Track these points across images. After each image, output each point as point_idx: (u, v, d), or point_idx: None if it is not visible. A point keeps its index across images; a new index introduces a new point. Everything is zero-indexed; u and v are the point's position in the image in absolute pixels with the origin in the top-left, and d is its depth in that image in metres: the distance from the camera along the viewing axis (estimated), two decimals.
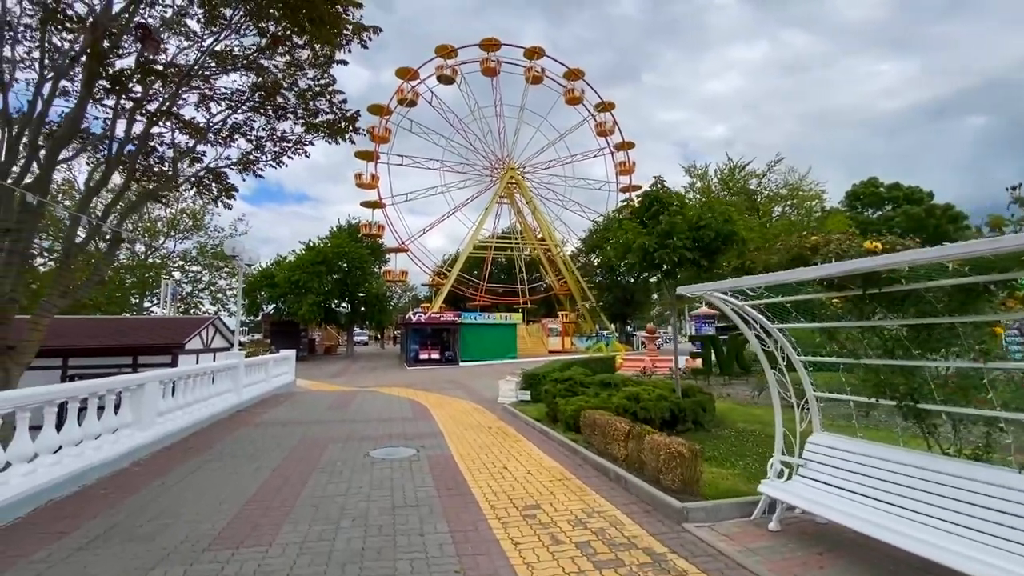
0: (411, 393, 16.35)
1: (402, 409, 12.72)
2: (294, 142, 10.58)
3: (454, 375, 23.92)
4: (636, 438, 6.79)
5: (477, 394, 16.06)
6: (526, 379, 13.47)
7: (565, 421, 9.31)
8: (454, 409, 12.70)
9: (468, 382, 20.11)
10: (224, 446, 8.43)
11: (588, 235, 46.70)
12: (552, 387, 10.50)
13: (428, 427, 10.23)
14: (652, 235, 9.34)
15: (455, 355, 33.21)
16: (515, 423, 10.67)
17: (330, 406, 13.23)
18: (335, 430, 9.86)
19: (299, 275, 38.85)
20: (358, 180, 42.90)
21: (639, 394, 9.16)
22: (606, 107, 50.75)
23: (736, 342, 15.63)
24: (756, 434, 8.87)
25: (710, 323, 24.99)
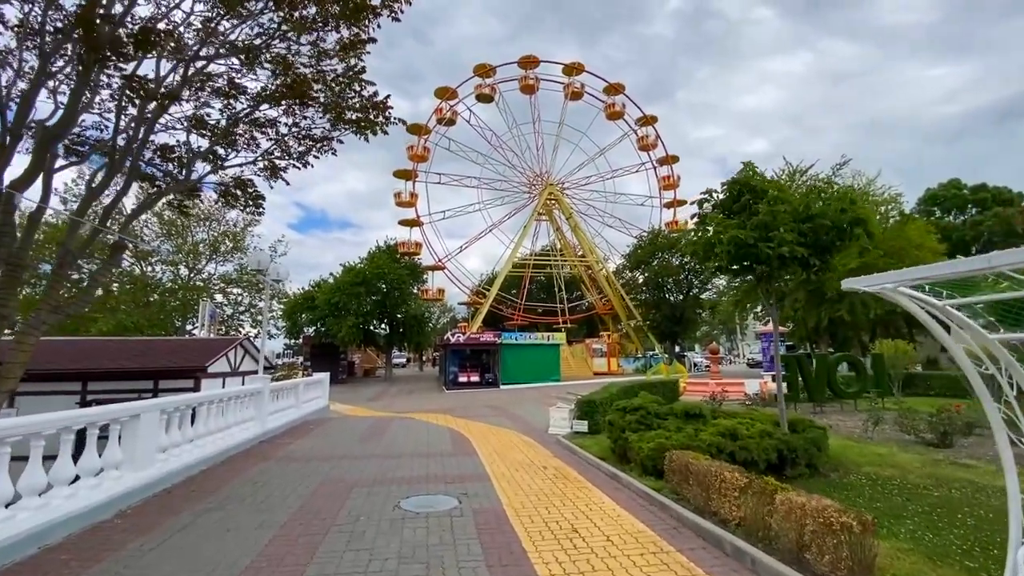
0: (450, 421, 14.80)
1: (441, 441, 11.17)
2: (320, 139, 9.49)
3: (495, 400, 22.29)
4: (759, 495, 4.96)
5: (523, 422, 14.35)
6: (582, 407, 11.70)
7: (641, 462, 7.50)
8: (500, 442, 11.05)
9: (512, 408, 18.41)
10: (232, 489, 7.07)
11: (632, 251, 44.59)
12: (618, 418, 8.72)
13: (471, 465, 8.60)
14: (747, 228, 7.57)
15: (495, 378, 31.61)
16: (574, 462, 8.91)
17: (362, 436, 11.82)
18: (363, 469, 8.38)
19: (339, 297, 38.46)
20: (397, 199, 42.64)
21: (736, 429, 7.27)
22: (648, 121, 49.10)
23: (826, 363, 13.35)
24: (897, 483, 6.80)
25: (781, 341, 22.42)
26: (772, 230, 7.31)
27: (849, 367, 14.06)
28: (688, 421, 8.06)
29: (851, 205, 7.07)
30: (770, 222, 7.32)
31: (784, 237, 7.01)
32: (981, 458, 7.75)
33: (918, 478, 6.83)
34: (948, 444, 8.42)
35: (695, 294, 41.80)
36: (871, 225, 6.99)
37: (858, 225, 6.96)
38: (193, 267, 32.36)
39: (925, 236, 26.04)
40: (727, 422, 7.47)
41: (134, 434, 6.49)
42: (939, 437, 8.43)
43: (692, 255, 8.78)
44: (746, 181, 8.29)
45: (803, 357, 13.23)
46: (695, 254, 8.53)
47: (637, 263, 42.68)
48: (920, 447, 8.57)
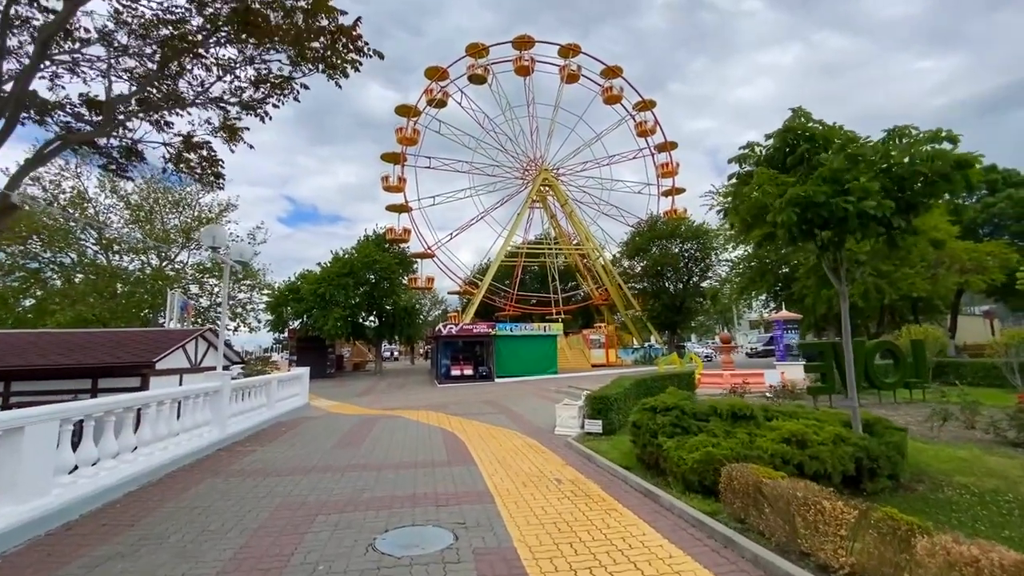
0: (443, 419, 13.22)
1: (432, 445, 9.58)
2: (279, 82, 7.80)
3: (491, 394, 20.75)
4: (885, 536, 3.44)
5: (524, 421, 12.80)
6: (594, 404, 10.17)
7: (683, 476, 5.96)
8: (501, 446, 9.49)
9: (510, 404, 16.87)
10: (157, 521, 5.43)
11: (630, 238, 43.05)
12: (647, 419, 7.18)
13: (469, 479, 7.03)
14: (811, 182, 6.00)
15: (490, 371, 30.06)
16: (593, 473, 7.37)
17: (341, 440, 10.20)
18: (335, 486, 6.78)
19: (325, 288, 36.61)
20: (385, 183, 40.61)
21: (804, 435, 5.75)
22: (646, 105, 47.39)
23: (863, 350, 11.91)
24: (1010, 500, 5.32)
25: (794, 329, 21.07)
26: (845, 183, 5.76)
27: (884, 355, 12.67)
28: (736, 424, 6.54)
29: (933, 160, 5.51)
30: (844, 172, 5.77)
31: (868, 187, 5.47)
32: None
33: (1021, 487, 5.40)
34: None
35: (695, 282, 40.46)
36: (973, 174, 5.48)
37: (961, 169, 5.43)
38: (164, 255, 30.32)
39: (939, 218, 24.76)
40: (791, 425, 5.96)
41: (15, 453, 4.83)
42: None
43: (732, 225, 7.19)
44: (802, 128, 6.72)
45: (838, 344, 11.80)
46: (741, 222, 6.95)
47: (635, 251, 41.18)
48: (1005, 448, 7.16)
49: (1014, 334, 12.94)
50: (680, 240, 40.25)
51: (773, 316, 21.63)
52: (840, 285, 6.45)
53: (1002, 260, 24.45)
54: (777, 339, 21.63)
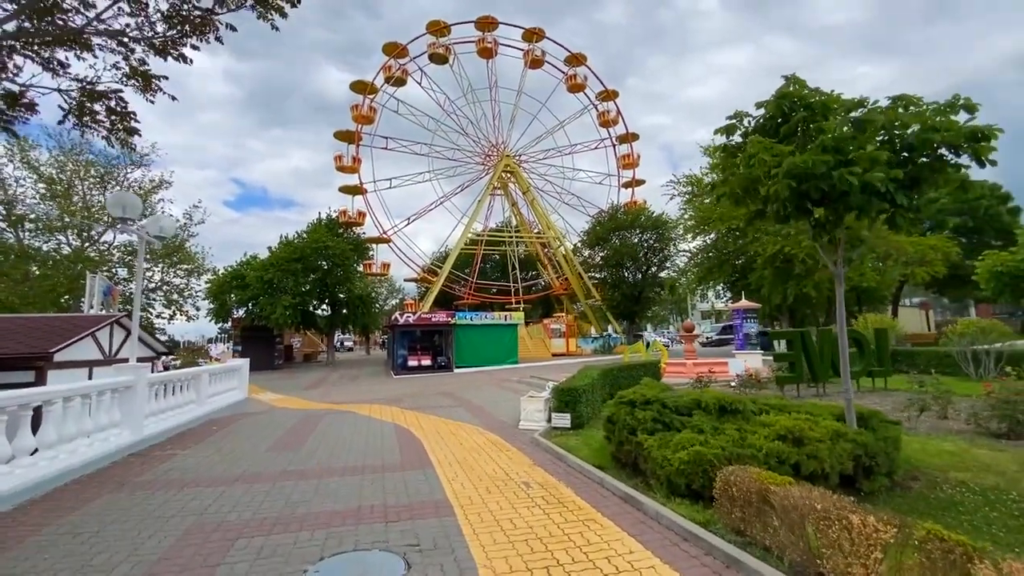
0: (398, 414, 12.22)
1: (384, 445, 8.61)
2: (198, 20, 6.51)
3: (450, 385, 19.81)
4: (937, 562, 2.81)
5: (485, 414, 11.98)
6: (561, 396, 9.46)
7: (668, 479, 5.30)
8: (462, 444, 8.62)
9: (469, 395, 16.01)
10: (21, 557, 4.27)
11: (591, 228, 42.77)
12: (624, 414, 6.49)
13: (425, 486, 6.14)
14: (810, 152, 5.39)
15: (449, 361, 29.06)
16: (565, 474, 6.63)
17: (277, 441, 9.06)
18: (264, 499, 5.73)
19: (272, 274, 34.36)
20: (338, 163, 38.36)
21: (802, 431, 5.19)
22: (609, 95, 47.01)
23: (831, 338, 11.76)
24: (1018, 500, 4.94)
25: (753, 318, 21.18)
26: (848, 153, 5.19)
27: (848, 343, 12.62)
28: (723, 418, 5.94)
29: (955, 122, 5.02)
30: (848, 141, 5.19)
31: (876, 155, 4.91)
32: None
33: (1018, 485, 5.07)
34: (1020, 435, 6.84)
35: (653, 272, 40.70)
36: (985, 148, 5.01)
37: (975, 142, 4.96)
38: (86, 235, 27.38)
39: None
40: (785, 420, 5.39)
41: None
42: (1011, 426, 6.84)
43: (721, 198, 6.56)
44: (798, 95, 6.12)
45: (807, 333, 11.62)
46: (731, 195, 6.30)
47: (596, 240, 40.96)
48: (987, 439, 6.94)
49: (970, 324, 13.23)
50: (640, 230, 40.30)
51: (733, 305, 21.70)
52: (836, 268, 5.94)
53: (944, 253, 25.57)
54: (737, 328, 21.76)
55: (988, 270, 12.38)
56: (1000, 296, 12.74)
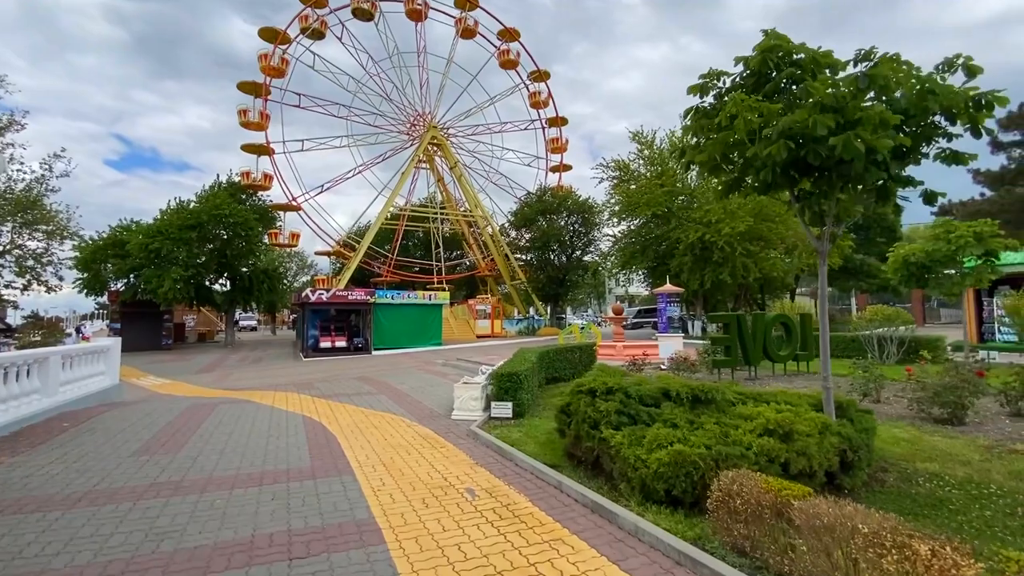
0: (308, 404, 10.62)
1: (290, 444, 7.14)
2: None
3: (369, 369, 18.18)
4: None
5: (412, 403, 10.75)
6: (501, 383, 8.49)
7: (643, 482, 4.50)
8: (386, 440, 7.37)
9: (392, 380, 14.60)
10: None
11: (519, 209, 42.01)
12: (583, 405, 5.63)
13: (344, 501, 4.90)
14: (806, 110, 4.73)
15: (367, 342, 27.09)
16: (515, 476, 5.67)
17: (149, 442, 7.24)
18: (111, 533, 4.20)
19: (161, 243, 29.89)
20: (242, 117, 33.90)
21: (792, 424, 4.60)
22: (541, 76, 46.08)
23: (763, 323, 11.84)
24: (995, 492, 4.71)
25: (676, 302, 21.58)
26: (848, 115, 4.60)
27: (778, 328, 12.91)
28: (696, 409, 5.26)
29: (950, 85, 4.59)
30: (848, 100, 4.59)
31: (887, 118, 4.34)
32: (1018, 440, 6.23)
33: (1004, 479, 4.90)
34: (961, 421, 6.95)
35: (578, 256, 40.97)
36: (982, 117, 4.65)
37: (979, 109, 4.56)
38: None
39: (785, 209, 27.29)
40: (769, 412, 4.80)
41: None
42: (951, 413, 6.92)
43: (692, 165, 5.83)
44: (785, 48, 5.45)
45: (744, 317, 11.60)
46: (707, 161, 5.55)
47: (523, 221, 40.34)
48: (931, 425, 6.97)
49: (877, 310, 14.09)
50: (567, 213, 40.25)
51: (657, 289, 21.99)
52: (821, 244, 5.44)
53: (841, 247, 27.81)
54: (661, 311, 22.15)
55: (899, 260, 13.10)
56: (905, 284, 13.57)
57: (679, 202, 28.71)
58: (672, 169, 28.96)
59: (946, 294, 13.36)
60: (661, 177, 28.23)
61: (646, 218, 28.54)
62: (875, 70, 4.57)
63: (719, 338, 11.56)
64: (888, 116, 4.40)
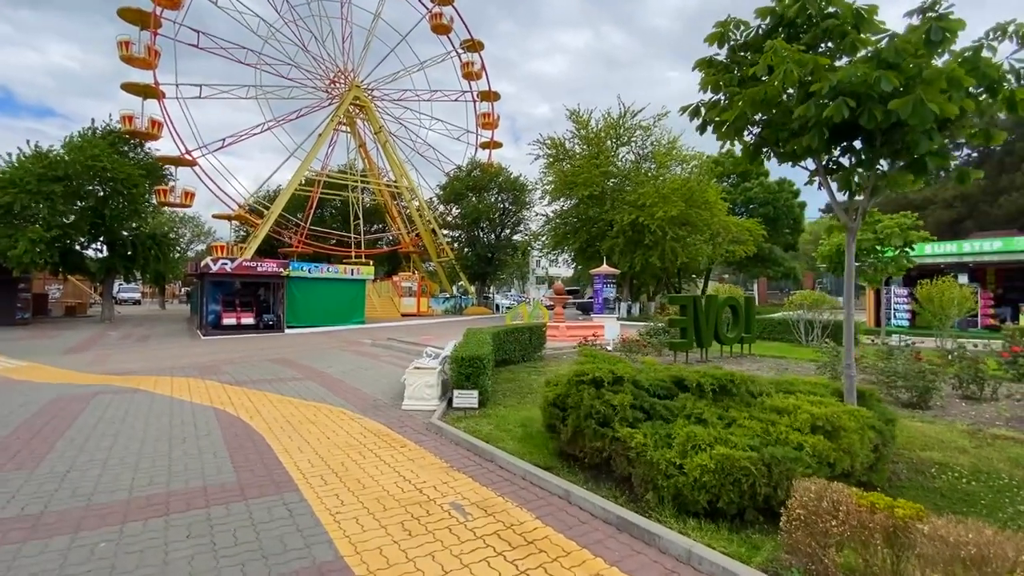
0: (219, 392, 8.84)
1: (202, 449, 5.60)
2: None
3: (286, 349, 16.14)
4: None
5: (347, 389, 9.35)
6: (463, 368, 7.42)
7: (677, 491, 3.76)
8: (330, 439, 6.06)
9: (317, 363, 12.90)
10: None
11: (448, 182, 40.10)
12: (587, 399, 4.77)
13: (292, 532, 3.65)
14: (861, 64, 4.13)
15: (279, 319, 24.42)
16: (506, 484, 4.71)
17: None
18: None
19: (12, 196, 24.59)
20: (124, 50, 28.28)
21: (837, 419, 4.06)
22: (475, 46, 43.81)
23: (715, 305, 11.77)
24: (1007, 482, 4.55)
25: (612, 283, 21.56)
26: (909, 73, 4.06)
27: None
28: (718, 401, 4.61)
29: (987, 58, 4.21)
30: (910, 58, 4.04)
31: (960, 78, 3.83)
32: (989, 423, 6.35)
33: (1008, 467, 4.80)
34: (927, 405, 7.06)
35: (507, 235, 40.19)
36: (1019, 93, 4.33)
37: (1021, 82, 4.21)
38: None
39: (714, 195, 28.41)
40: (806, 405, 4.23)
41: None
42: (919, 397, 7.01)
43: (708, 126, 5.09)
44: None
45: (699, 299, 11.45)
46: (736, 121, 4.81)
47: (453, 196, 38.63)
48: (900, 409, 6.97)
49: (806, 295, 14.79)
50: (497, 190, 39.17)
51: (594, 270, 21.80)
52: (851, 222, 4.96)
53: (756, 235, 29.54)
54: (597, 292, 22.11)
55: (832, 247, 13.73)
56: (834, 270, 14.35)
57: (613, 184, 28.76)
58: (608, 150, 28.90)
59: (869, 281, 14.29)
60: (597, 158, 28.03)
61: (580, 198, 28.26)
62: (947, 23, 4.03)
63: (677, 320, 11.31)
64: (960, 75, 3.89)
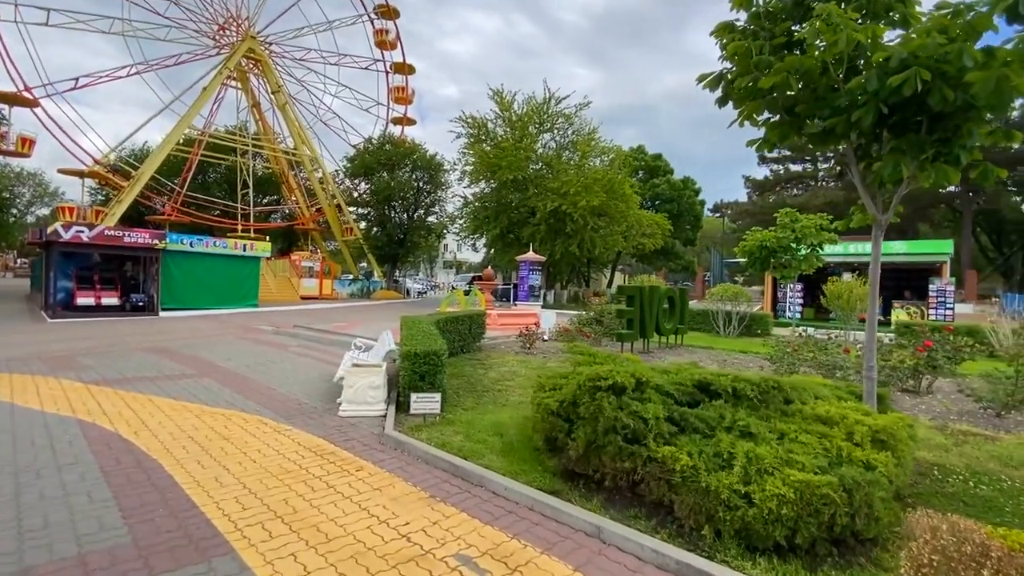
0: (80, 395, 6.76)
1: (69, 489, 3.95)
2: None
3: (163, 337, 13.44)
4: None
5: (259, 388, 7.71)
6: (416, 365, 6.29)
7: (744, 526, 3.13)
8: (256, 462, 4.66)
9: (208, 354, 10.75)
10: None
11: (358, 155, 36.87)
12: (608, 408, 3.98)
13: None
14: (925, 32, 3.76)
15: (151, 300, 20.67)
16: (511, 518, 3.78)
17: None
18: None
19: None
20: None
21: (895, 430, 3.68)
22: (390, 12, 40.40)
23: (658, 295, 11.68)
24: None
25: (537, 271, 21.17)
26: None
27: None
28: (756, 410, 4.06)
29: None
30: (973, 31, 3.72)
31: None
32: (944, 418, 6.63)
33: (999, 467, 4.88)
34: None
35: (421, 216, 38.21)
36: None
37: None
38: None
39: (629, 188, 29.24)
40: (857, 414, 3.82)
41: None
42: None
43: (729, 99, 4.51)
44: None
45: (645, 290, 11.23)
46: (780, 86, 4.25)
47: (363, 170, 35.65)
48: None
49: (726, 288, 15.46)
50: (411, 168, 36.96)
51: (520, 257, 21.27)
52: (881, 214, 4.64)
53: (664, 229, 30.98)
54: (522, 279, 21.59)
55: (755, 243, 14.39)
56: (752, 266, 15.10)
57: (535, 170, 28.31)
58: (531, 135, 28.32)
59: (784, 277, 15.27)
60: (521, 141, 27.35)
61: (502, 182, 27.43)
62: None
63: (625, 311, 11.00)
64: None
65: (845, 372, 7.93)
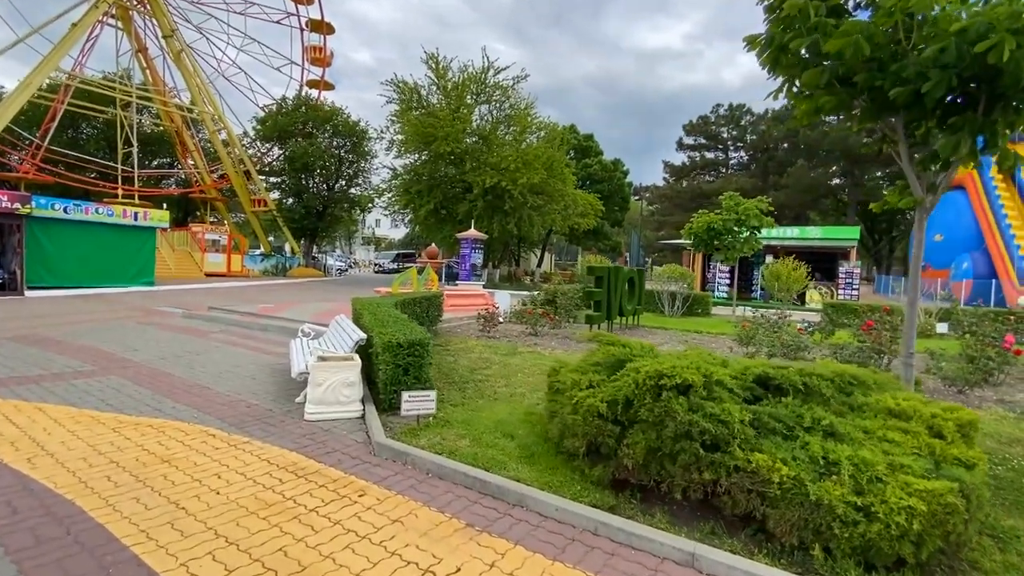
0: None
1: None
2: None
3: (34, 323, 10.98)
4: None
5: (187, 387, 6.32)
6: (399, 357, 5.37)
7: (866, 544, 2.75)
8: (219, 494, 3.56)
9: (102, 343, 8.82)
10: None
11: (269, 116, 33.03)
12: (680, 410, 3.42)
13: None
14: None
15: (15, 277, 17.11)
16: (584, 552, 3.12)
17: None
18: None
19: None
20: None
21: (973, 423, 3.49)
22: None
23: (622, 276, 11.44)
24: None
25: (480, 248, 20.27)
26: None
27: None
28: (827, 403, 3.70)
29: None
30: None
31: None
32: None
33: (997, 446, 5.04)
34: None
35: (343, 187, 35.42)
36: None
37: None
38: None
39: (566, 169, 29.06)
40: (926, 406, 3.57)
41: None
42: None
43: (774, 71, 4.07)
44: None
45: (613, 270, 10.88)
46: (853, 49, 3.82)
47: (275, 132, 32.07)
48: None
49: (673, 269, 15.71)
50: (331, 134, 33.99)
51: (461, 234, 20.23)
52: (927, 196, 4.42)
53: (596, 210, 31.31)
54: (464, 257, 20.61)
55: (703, 225, 14.68)
56: (697, 247, 15.46)
57: (472, 143, 27.09)
58: (469, 105, 26.96)
59: (726, 258, 15.78)
60: (458, 111, 25.95)
61: (436, 154, 25.94)
62: None
63: (594, 292, 10.59)
64: None
65: (808, 352, 8.15)
